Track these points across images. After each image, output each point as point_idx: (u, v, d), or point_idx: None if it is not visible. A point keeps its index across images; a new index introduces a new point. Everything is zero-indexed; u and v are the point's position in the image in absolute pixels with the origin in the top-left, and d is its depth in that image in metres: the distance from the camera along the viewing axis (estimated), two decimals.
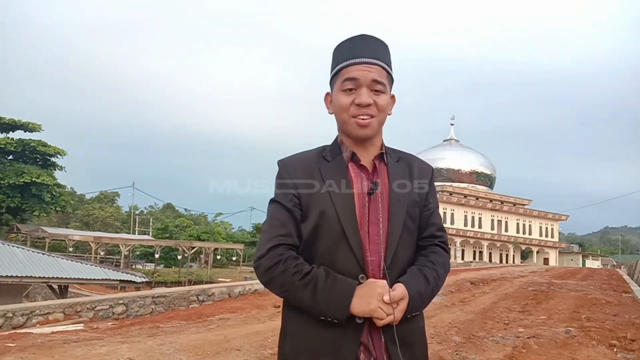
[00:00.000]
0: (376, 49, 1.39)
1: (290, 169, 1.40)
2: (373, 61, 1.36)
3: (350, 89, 1.36)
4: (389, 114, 1.44)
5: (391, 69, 1.42)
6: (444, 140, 65.10)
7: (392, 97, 1.45)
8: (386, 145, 1.48)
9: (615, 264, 56.34)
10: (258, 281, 11.56)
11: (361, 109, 1.34)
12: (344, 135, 1.43)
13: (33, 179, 38.87)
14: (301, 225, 1.37)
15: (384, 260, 1.34)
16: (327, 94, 1.46)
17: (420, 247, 1.45)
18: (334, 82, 1.42)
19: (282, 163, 1.43)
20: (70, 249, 39.98)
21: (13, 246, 19.56)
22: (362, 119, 1.35)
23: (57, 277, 17.13)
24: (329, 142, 1.48)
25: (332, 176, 1.37)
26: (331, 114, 1.44)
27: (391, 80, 1.43)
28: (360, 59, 1.36)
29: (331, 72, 1.43)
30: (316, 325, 1.31)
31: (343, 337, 1.29)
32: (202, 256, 44.34)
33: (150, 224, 62.97)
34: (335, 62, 1.42)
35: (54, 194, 41.50)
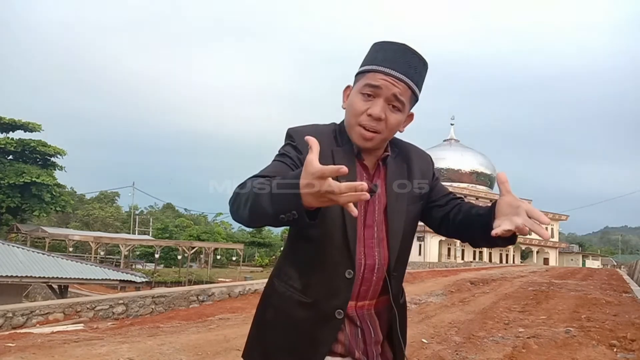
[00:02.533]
0: (411, 66, 1.32)
1: (302, 137, 1.31)
2: (402, 77, 1.30)
3: (369, 95, 1.30)
4: (400, 131, 1.40)
5: (420, 90, 1.36)
6: (444, 140, 65.09)
7: (410, 115, 1.40)
8: None
9: (615, 264, 56.33)
10: (258, 281, 11.55)
11: (371, 120, 1.29)
12: None
13: (33, 179, 38.88)
14: None
15: (382, 263, 1.34)
16: (348, 86, 1.40)
17: (447, 207, 1.43)
18: (358, 79, 1.36)
19: (294, 131, 1.35)
20: (70, 249, 39.96)
21: (13, 246, 19.57)
22: (368, 131, 1.30)
23: (57, 277, 17.13)
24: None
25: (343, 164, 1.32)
26: (344, 108, 1.39)
27: (415, 100, 1.37)
28: (391, 70, 1.29)
29: (361, 66, 1.37)
30: (297, 307, 1.31)
31: (321, 324, 1.29)
32: (202, 256, 44.35)
33: (150, 224, 62.94)
34: (367, 60, 1.35)
35: (54, 194, 41.49)
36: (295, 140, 1.32)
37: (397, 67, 1.29)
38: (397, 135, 1.42)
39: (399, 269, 1.37)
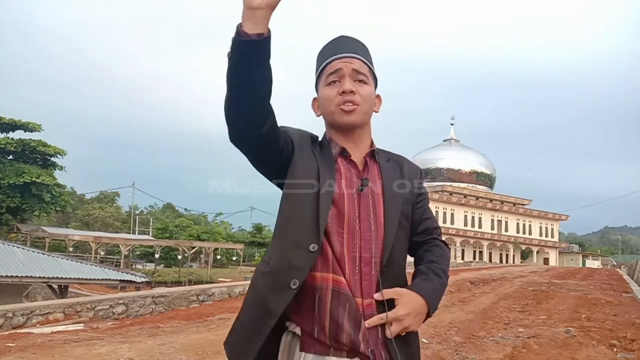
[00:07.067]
0: (355, 46, 1.44)
1: (290, 129, 1.42)
2: (353, 55, 1.40)
3: (334, 81, 1.39)
4: (376, 112, 1.46)
5: (373, 67, 1.45)
6: (444, 140, 65.08)
7: (378, 96, 1.48)
8: (377, 147, 1.50)
9: (615, 264, 56.33)
10: None
11: (345, 96, 1.36)
12: (333, 131, 1.44)
13: (33, 179, 38.85)
14: (286, 180, 1.36)
15: (380, 258, 1.34)
16: (314, 99, 1.48)
17: (419, 243, 1.48)
18: (319, 82, 1.45)
19: (284, 126, 1.44)
20: (70, 249, 39.98)
21: (13, 246, 19.57)
22: (347, 105, 1.37)
23: (57, 277, 17.15)
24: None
25: (323, 162, 1.38)
26: (319, 116, 1.46)
27: (374, 78, 1.46)
28: (340, 53, 1.40)
29: (315, 74, 1.47)
30: (260, 276, 1.35)
31: (274, 292, 1.30)
32: (202, 256, 44.35)
33: (150, 224, 62.91)
34: (318, 65, 1.46)
35: (54, 194, 41.47)
36: (285, 130, 1.40)
37: (344, 49, 1.42)
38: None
39: (393, 268, 1.37)
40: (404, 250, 1.43)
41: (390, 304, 1.32)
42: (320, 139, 1.47)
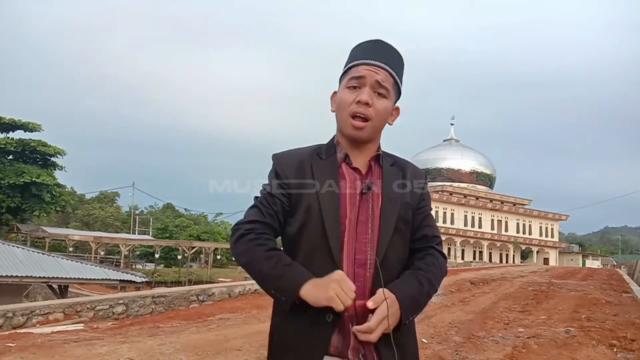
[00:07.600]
0: (388, 56, 1.43)
1: (284, 163, 1.43)
2: (381, 65, 1.39)
3: (355, 87, 1.39)
4: (390, 124, 1.46)
5: (400, 80, 1.44)
6: (444, 140, 65.10)
7: (397, 108, 1.47)
8: (383, 149, 1.49)
9: (615, 264, 56.35)
10: None
11: (359, 106, 1.37)
12: (341, 135, 1.45)
13: (33, 179, 38.88)
14: (288, 221, 1.39)
15: (375, 259, 1.34)
16: (334, 92, 1.48)
17: (415, 250, 1.45)
18: (342, 79, 1.45)
19: (276, 157, 1.46)
20: (70, 249, 40.04)
21: (13, 246, 19.57)
22: (358, 119, 1.37)
23: (57, 277, 17.15)
24: (326, 141, 1.49)
25: (323, 175, 1.39)
26: (333, 112, 1.46)
27: (398, 91, 1.45)
28: (370, 60, 1.39)
29: (344, 67, 1.46)
30: (292, 322, 1.33)
31: (312, 335, 1.31)
32: (202, 256, 44.38)
33: (150, 224, 62.95)
34: (349, 60, 1.45)
35: (54, 193, 41.49)
36: (279, 171, 1.42)
37: (375, 57, 1.41)
38: (388, 130, 1.47)
39: (388, 270, 1.35)
40: (400, 253, 1.41)
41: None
42: (328, 141, 1.48)
